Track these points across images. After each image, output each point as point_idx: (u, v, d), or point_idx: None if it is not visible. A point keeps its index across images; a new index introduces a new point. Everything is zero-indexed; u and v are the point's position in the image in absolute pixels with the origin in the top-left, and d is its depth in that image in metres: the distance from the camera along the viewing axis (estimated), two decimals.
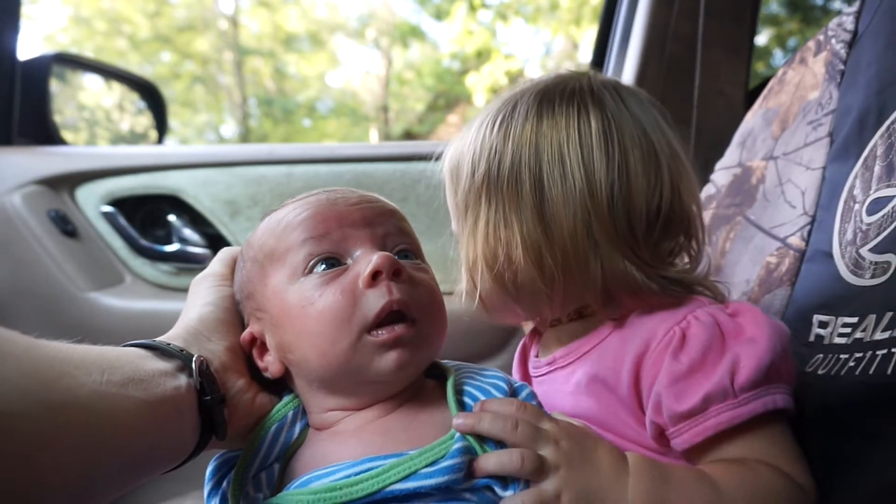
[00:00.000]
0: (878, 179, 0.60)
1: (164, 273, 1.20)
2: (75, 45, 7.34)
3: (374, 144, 3.57)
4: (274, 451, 0.50)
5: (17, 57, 1.23)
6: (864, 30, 0.74)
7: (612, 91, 0.59)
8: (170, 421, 0.43)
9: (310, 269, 0.50)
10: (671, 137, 0.60)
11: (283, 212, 0.54)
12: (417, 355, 0.50)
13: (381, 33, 9.37)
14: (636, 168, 0.56)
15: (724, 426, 0.49)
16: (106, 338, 0.45)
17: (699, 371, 0.50)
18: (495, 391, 0.53)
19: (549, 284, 0.56)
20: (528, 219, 0.56)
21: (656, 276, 0.56)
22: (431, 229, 1.25)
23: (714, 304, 0.56)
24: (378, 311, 0.48)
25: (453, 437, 0.46)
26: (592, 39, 1.39)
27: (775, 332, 0.51)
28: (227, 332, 0.53)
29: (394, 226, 0.55)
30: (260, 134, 8.83)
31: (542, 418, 0.50)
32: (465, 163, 0.60)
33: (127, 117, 1.79)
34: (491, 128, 0.59)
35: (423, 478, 0.43)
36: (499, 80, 7.99)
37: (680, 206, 0.58)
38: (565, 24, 7.60)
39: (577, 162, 0.55)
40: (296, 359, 0.51)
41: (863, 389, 0.52)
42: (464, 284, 0.63)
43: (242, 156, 1.24)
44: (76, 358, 0.39)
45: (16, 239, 1.14)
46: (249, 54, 8.75)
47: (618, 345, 0.56)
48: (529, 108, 0.58)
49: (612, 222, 0.55)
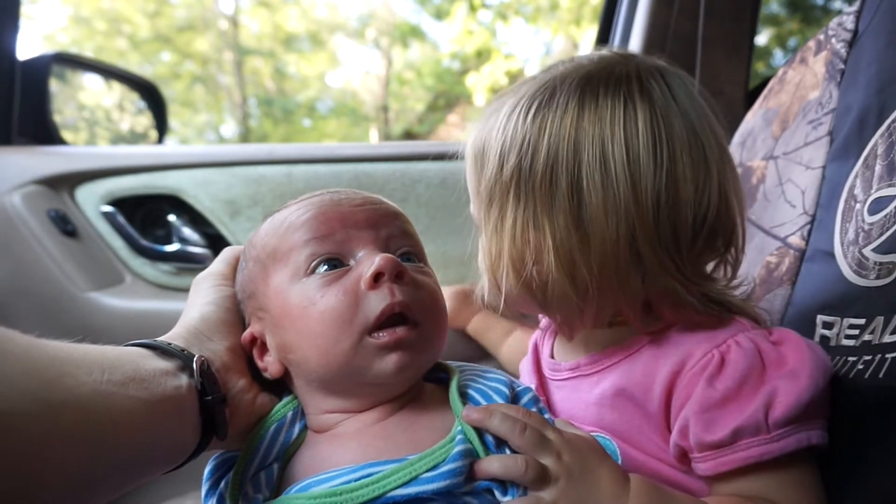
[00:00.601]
0: (879, 179, 0.60)
1: (164, 273, 1.20)
2: (75, 45, 7.33)
3: (375, 144, 3.57)
4: (273, 451, 0.50)
5: (16, 57, 1.23)
6: (864, 29, 0.74)
7: (660, 80, 0.54)
8: (170, 420, 0.43)
9: (312, 270, 0.50)
10: (720, 135, 0.55)
11: (287, 212, 0.54)
12: (418, 358, 0.50)
13: (381, 33, 9.36)
14: (685, 173, 0.51)
15: (752, 460, 0.47)
16: (106, 338, 0.45)
17: (733, 401, 0.48)
18: (497, 396, 0.52)
19: (581, 297, 0.52)
20: (561, 224, 0.50)
21: (698, 294, 0.52)
22: (431, 229, 1.25)
23: (756, 328, 0.53)
24: (380, 313, 0.47)
25: (454, 441, 0.46)
26: (592, 39, 1.39)
27: (819, 366, 0.48)
28: (228, 331, 0.52)
29: (397, 228, 0.54)
30: (260, 134, 8.82)
31: (548, 427, 0.49)
32: (493, 151, 0.54)
33: (127, 117, 1.79)
34: (525, 115, 0.53)
35: (424, 483, 0.43)
36: (499, 80, 7.98)
37: (727, 213, 0.54)
38: (565, 24, 7.60)
39: (622, 165, 0.49)
40: (296, 359, 0.50)
41: (872, 393, 0.51)
42: (485, 281, 0.58)
43: (242, 156, 1.24)
44: (76, 357, 0.39)
45: (16, 239, 1.14)
46: (249, 54, 8.75)
47: (651, 360, 0.53)
48: (570, 97, 0.52)
49: (656, 233, 0.50)
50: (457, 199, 1.21)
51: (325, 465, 0.46)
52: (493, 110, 0.57)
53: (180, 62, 8.16)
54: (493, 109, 0.57)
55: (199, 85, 8.40)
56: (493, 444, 0.48)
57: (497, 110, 0.56)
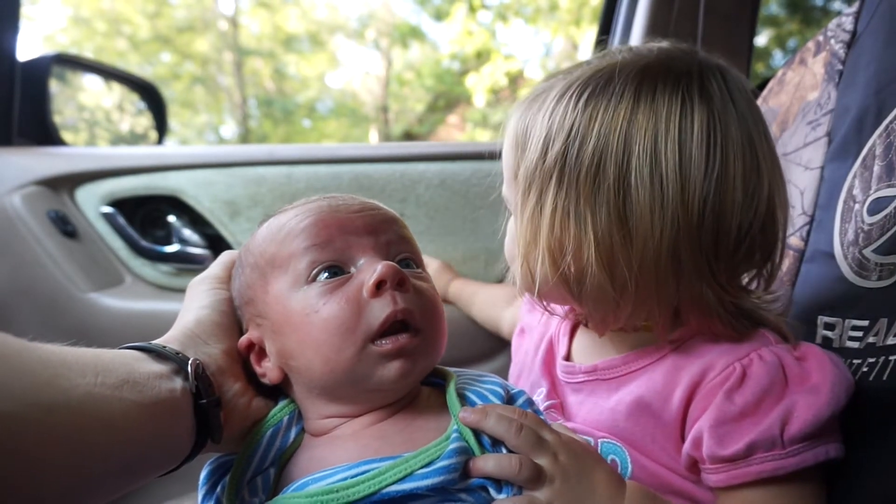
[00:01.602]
0: (878, 179, 0.60)
1: (164, 274, 1.20)
2: (75, 46, 7.34)
3: (374, 145, 3.56)
4: (269, 455, 0.50)
5: (16, 57, 1.23)
6: (863, 30, 0.74)
7: (721, 81, 0.51)
8: (164, 424, 0.43)
9: (313, 278, 0.50)
10: (773, 146, 0.53)
11: (284, 218, 0.54)
12: (420, 364, 0.50)
13: (381, 34, 9.36)
14: (735, 180, 0.49)
15: (765, 475, 0.46)
16: (106, 338, 0.45)
17: (750, 416, 0.47)
18: (493, 397, 0.53)
19: (619, 293, 0.50)
20: (604, 218, 0.48)
21: (730, 304, 0.51)
22: (431, 230, 1.25)
23: (781, 342, 0.52)
24: (383, 321, 0.48)
25: (449, 439, 0.47)
26: (592, 39, 1.39)
27: (841, 383, 0.48)
28: (224, 335, 0.52)
29: (396, 233, 0.54)
30: (260, 134, 8.82)
31: (544, 428, 0.48)
32: (537, 134, 0.52)
33: (127, 118, 1.79)
34: (576, 101, 0.50)
35: (419, 479, 0.43)
36: (498, 80, 7.99)
37: (771, 226, 0.52)
38: (565, 24, 7.60)
39: (673, 163, 0.47)
40: (298, 366, 0.50)
41: (877, 395, 0.51)
42: (518, 268, 0.56)
43: (242, 156, 1.24)
44: (70, 360, 0.39)
45: (16, 239, 1.14)
46: (249, 55, 8.75)
47: (672, 369, 0.52)
48: (626, 87, 0.49)
49: (698, 238, 0.48)
50: (457, 200, 1.21)
51: (322, 466, 0.47)
52: (540, 91, 0.54)
53: (180, 63, 8.16)
54: (541, 91, 0.54)
55: (198, 86, 8.40)
56: (490, 444, 0.48)
57: (545, 92, 0.53)
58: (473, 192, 1.19)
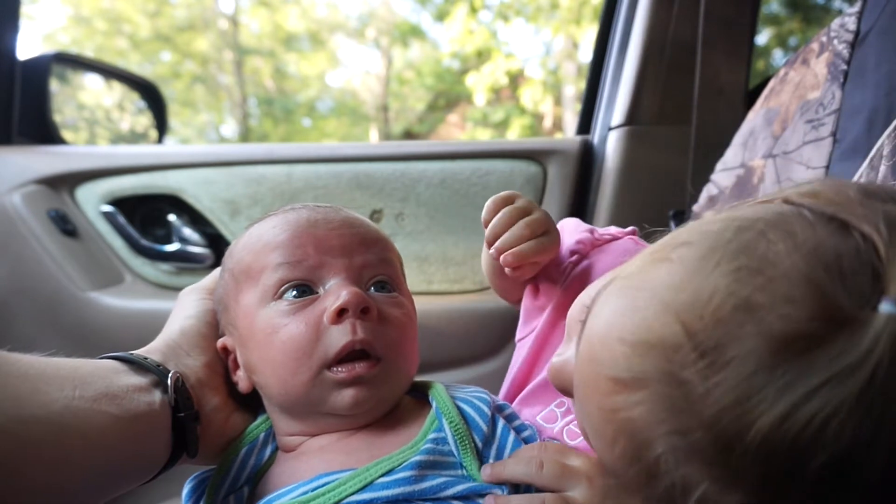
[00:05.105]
0: (884, 179, 0.60)
1: (164, 273, 1.20)
2: (75, 45, 7.34)
3: (375, 144, 3.56)
4: (243, 474, 0.50)
5: (17, 57, 1.23)
6: (868, 29, 0.74)
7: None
8: (141, 437, 0.43)
9: (280, 295, 0.50)
10: None
11: (264, 227, 0.53)
12: (377, 392, 0.49)
13: (381, 33, 9.37)
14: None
15: None
16: (106, 337, 0.45)
17: None
18: (480, 403, 0.51)
19: None
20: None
21: None
22: (431, 229, 1.25)
23: None
24: (339, 350, 0.47)
25: (414, 449, 0.46)
26: (592, 39, 1.39)
27: None
28: (206, 346, 0.53)
29: (374, 255, 0.53)
30: (260, 133, 8.83)
31: (569, 455, 0.45)
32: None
33: (127, 117, 1.79)
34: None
35: (378, 489, 0.43)
36: (499, 79, 7.99)
37: None
38: (565, 23, 7.60)
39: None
40: (259, 382, 0.51)
41: None
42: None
43: (242, 155, 1.24)
44: (49, 372, 0.39)
45: (16, 238, 1.14)
46: (249, 54, 8.75)
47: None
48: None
49: None
50: (457, 199, 1.21)
51: (288, 482, 0.46)
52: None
53: (180, 62, 8.17)
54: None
55: (199, 85, 8.41)
56: (471, 416, 0.48)
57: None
58: (473, 191, 1.19)
